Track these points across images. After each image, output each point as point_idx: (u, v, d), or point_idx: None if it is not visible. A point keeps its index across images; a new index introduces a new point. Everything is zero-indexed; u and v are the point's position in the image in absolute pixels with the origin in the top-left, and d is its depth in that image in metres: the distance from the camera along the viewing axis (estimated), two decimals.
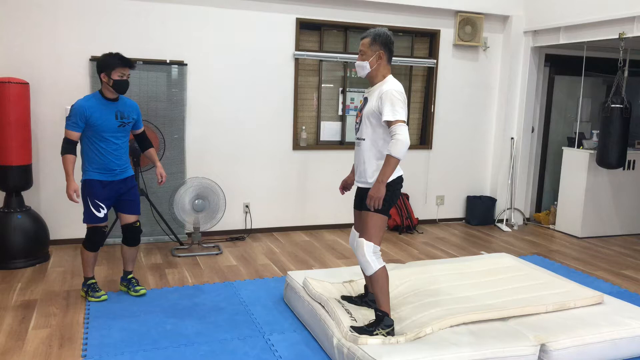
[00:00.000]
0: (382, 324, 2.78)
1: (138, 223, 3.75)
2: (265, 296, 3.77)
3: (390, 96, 2.76)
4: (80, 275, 4.10)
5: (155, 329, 3.20)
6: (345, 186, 3.25)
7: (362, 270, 2.94)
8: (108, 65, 3.43)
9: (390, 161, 2.71)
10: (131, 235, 3.74)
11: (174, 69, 5.04)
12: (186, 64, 5.06)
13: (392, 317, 2.87)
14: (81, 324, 3.26)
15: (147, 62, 4.91)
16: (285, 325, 3.31)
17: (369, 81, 2.96)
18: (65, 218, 4.89)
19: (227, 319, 3.37)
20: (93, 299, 3.60)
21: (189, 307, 3.55)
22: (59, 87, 4.74)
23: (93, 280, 3.69)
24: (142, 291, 3.74)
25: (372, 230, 2.83)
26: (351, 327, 2.78)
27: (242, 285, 4.00)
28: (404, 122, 2.73)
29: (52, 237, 4.76)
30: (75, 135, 3.43)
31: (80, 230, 4.95)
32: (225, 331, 3.20)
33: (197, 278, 4.16)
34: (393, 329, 2.80)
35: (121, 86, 3.46)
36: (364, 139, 2.90)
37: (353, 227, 3.15)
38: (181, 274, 4.24)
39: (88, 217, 3.54)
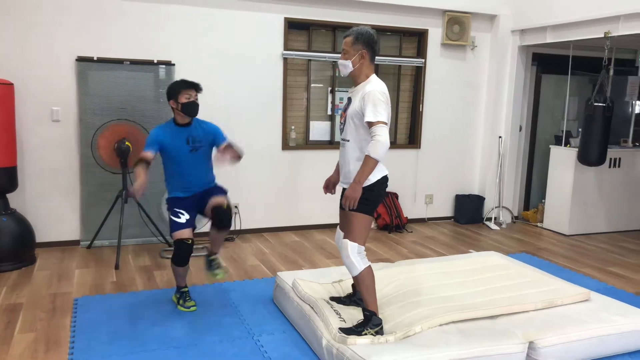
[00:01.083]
0: (370, 324, 2.78)
1: (226, 206, 3.58)
2: (254, 297, 3.76)
3: (372, 97, 2.74)
4: (67, 278, 4.07)
5: (144, 331, 3.18)
6: (328, 185, 3.24)
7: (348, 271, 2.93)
8: (174, 90, 3.55)
9: (369, 162, 2.70)
10: (219, 218, 3.55)
11: (162, 69, 5.00)
12: (174, 64, 5.03)
13: (380, 316, 2.87)
14: (68, 328, 3.23)
15: (134, 63, 4.87)
16: (274, 326, 3.30)
17: (353, 80, 2.95)
18: (52, 220, 4.84)
19: (216, 321, 3.35)
20: (183, 309, 3.52)
21: (177, 309, 3.52)
22: (45, 88, 4.69)
23: (185, 289, 3.60)
24: (219, 276, 3.71)
25: (357, 231, 2.82)
26: (339, 328, 2.78)
27: (231, 286, 3.98)
28: (385, 123, 2.72)
29: (38, 239, 4.71)
30: (149, 155, 3.44)
31: (67, 233, 4.92)
32: (214, 333, 3.18)
33: (186, 279, 4.12)
34: (382, 328, 2.80)
35: (189, 108, 3.53)
36: (348, 140, 2.89)
37: (338, 226, 3.15)
38: (170, 276, 4.20)
39: (171, 227, 3.52)
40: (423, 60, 6.01)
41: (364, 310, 2.84)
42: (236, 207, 5.49)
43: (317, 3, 5.44)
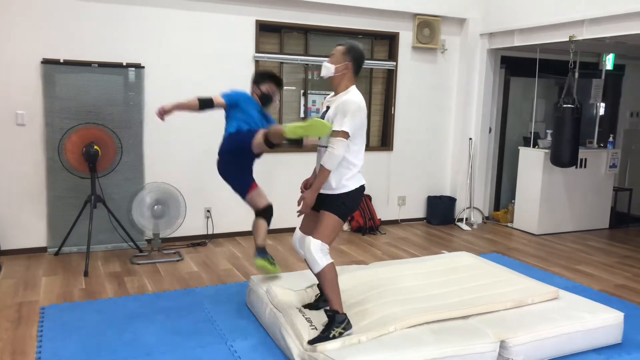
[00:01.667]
0: (335, 323, 2.79)
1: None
2: (227, 302, 3.72)
3: (345, 107, 2.80)
4: (34, 286, 3.97)
5: (114, 339, 3.11)
6: (306, 186, 3.25)
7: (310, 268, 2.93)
8: (261, 78, 3.92)
9: (323, 172, 2.83)
10: (270, 212, 3.96)
11: (131, 72, 4.92)
12: (143, 67, 4.95)
13: (353, 314, 2.87)
14: (34, 337, 3.14)
15: (103, 65, 4.78)
16: (248, 330, 3.27)
17: (333, 89, 2.98)
18: (17, 227, 4.71)
19: (188, 327, 3.30)
20: (273, 269, 3.65)
21: (149, 315, 3.46)
22: (9, 91, 4.56)
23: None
24: (275, 269, 3.72)
25: (325, 230, 2.85)
26: (308, 341, 2.76)
27: (204, 291, 3.94)
28: (346, 134, 2.77)
29: (3, 247, 4.57)
30: (218, 99, 3.81)
31: (33, 240, 4.79)
32: (186, 339, 3.13)
33: (158, 285, 4.07)
34: (348, 322, 2.82)
35: (265, 100, 3.91)
36: (325, 146, 2.90)
37: (298, 228, 3.16)
38: (141, 282, 4.13)
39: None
40: (394, 63, 6.06)
41: (327, 311, 2.86)
42: (208, 211, 5.44)
43: (288, 6, 5.44)
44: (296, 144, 3.51)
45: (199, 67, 5.19)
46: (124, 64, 4.88)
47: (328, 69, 2.92)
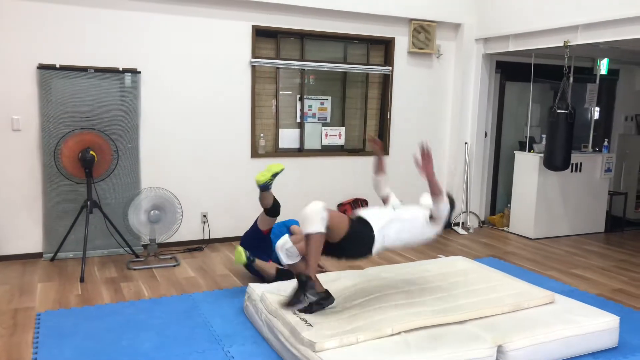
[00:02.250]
0: (307, 289, 2.87)
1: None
2: (224, 308, 3.71)
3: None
4: (29, 293, 3.96)
5: (110, 345, 3.10)
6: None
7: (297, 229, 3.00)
8: None
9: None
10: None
11: (127, 77, 4.92)
12: (139, 72, 4.95)
13: (350, 317, 2.88)
14: (30, 344, 3.12)
15: (99, 70, 4.78)
16: (245, 336, 3.26)
17: None
18: (13, 233, 4.69)
19: (185, 333, 3.29)
20: None
21: (145, 321, 3.45)
22: (5, 96, 4.55)
23: None
24: None
25: (334, 214, 3.02)
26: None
27: (201, 297, 3.93)
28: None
29: None
30: None
31: (29, 245, 4.77)
32: (183, 345, 3.12)
33: (154, 291, 4.05)
34: (329, 297, 2.92)
35: None
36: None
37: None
38: (137, 287, 4.12)
39: None
40: (390, 68, 6.08)
41: (299, 276, 2.92)
42: (205, 216, 5.43)
43: (284, 11, 5.45)
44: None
45: (196, 72, 5.19)
46: (120, 69, 4.88)
47: None
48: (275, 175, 4.16)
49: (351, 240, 3.06)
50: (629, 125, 7.55)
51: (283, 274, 4.05)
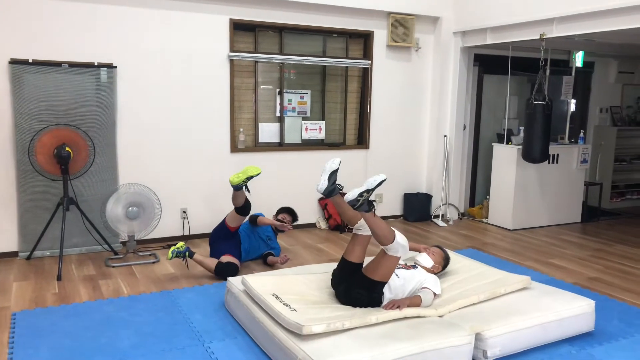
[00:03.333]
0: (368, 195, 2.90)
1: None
2: (205, 303, 3.69)
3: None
4: (4, 292, 3.89)
5: (89, 344, 3.06)
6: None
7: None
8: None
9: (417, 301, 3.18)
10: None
11: (103, 72, 4.84)
12: (115, 67, 4.88)
13: (334, 308, 2.88)
14: (5, 344, 3.06)
15: (73, 65, 4.69)
16: (226, 331, 3.25)
17: None
18: None
19: (165, 329, 3.26)
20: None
21: (124, 319, 3.41)
22: None
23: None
24: None
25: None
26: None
27: (181, 293, 3.89)
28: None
29: None
30: None
31: (3, 244, 4.68)
32: (163, 342, 3.10)
33: (133, 288, 4.01)
34: (372, 204, 2.94)
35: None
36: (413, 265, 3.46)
37: None
38: (116, 285, 4.07)
39: None
40: (369, 61, 6.09)
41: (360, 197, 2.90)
42: (185, 211, 5.39)
43: (262, 5, 5.41)
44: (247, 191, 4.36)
45: (173, 67, 5.13)
46: (96, 63, 4.79)
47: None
48: (249, 178, 4.27)
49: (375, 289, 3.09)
50: (603, 117, 7.68)
51: (222, 268, 4.15)
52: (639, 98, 7.93)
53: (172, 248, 4.11)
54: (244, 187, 4.33)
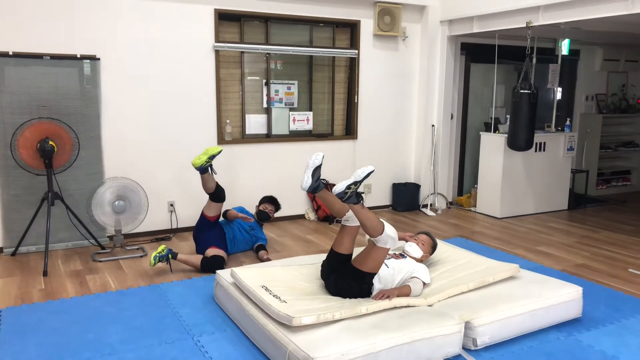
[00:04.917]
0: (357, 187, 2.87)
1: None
2: (194, 297, 3.66)
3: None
4: None
5: (76, 339, 3.02)
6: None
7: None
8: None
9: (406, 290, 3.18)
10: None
11: (86, 64, 4.75)
12: (99, 59, 4.79)
13: (324, 299, 2.88)
14: None
15: (55, 57, 4.60)
16: (215, 325, 3.23)
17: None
18: None
19: (153, 324, 3.24)
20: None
21: (112, 313, 3.38)
22: None
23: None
24: None
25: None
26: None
27: (169, 287, 3.86)
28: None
29: None
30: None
31: None
32: (151, 336, 3.07)
33: (121, 283, 3.97)
34: (360, 196, 2.92)
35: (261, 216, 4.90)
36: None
37: None
38: (103, 280, 4.03)
39: None
40: (356, 51, 6.05)
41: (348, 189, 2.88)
42: (172, 205, 5.34)
43: None
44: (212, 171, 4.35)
45: (157, 58, 5.06)
46: (78, 55, 4.71)
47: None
48: (212, 157, 4.22)
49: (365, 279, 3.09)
50: (589, 105, 7.73)
51: (208, 263, 4.13)
52: (623, 86, 7.99)
53: (154, 254, 4.02)
54: (209, 169, 4.26)
